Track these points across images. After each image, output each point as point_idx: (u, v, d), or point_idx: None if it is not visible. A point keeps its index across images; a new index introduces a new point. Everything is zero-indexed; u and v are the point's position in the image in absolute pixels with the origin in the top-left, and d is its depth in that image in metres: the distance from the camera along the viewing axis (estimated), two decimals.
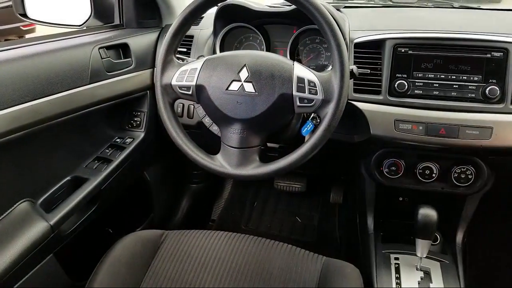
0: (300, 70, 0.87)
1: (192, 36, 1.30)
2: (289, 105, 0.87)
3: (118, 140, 1.28)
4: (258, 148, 0.92)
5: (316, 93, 0.85)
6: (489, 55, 0.99)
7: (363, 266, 1.15)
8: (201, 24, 1.35)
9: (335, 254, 1.66)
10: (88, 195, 1.09)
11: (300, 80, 0.86)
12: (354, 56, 1.08)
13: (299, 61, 1.24)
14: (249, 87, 0.87)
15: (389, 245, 1.17)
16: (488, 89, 0.98)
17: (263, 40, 1.25)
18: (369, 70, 1.06)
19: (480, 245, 1.60)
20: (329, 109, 0.84)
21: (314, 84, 0.85)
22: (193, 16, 0.93)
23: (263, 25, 1.25)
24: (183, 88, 0.92)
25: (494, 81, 0.98)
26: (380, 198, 1.26)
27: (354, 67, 0.94)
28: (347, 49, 1.09)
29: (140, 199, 1.50)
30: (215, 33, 1.26)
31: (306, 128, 1.05)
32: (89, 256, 1.11)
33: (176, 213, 1.75)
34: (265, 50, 1.25)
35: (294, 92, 0.85)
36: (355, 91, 1.07)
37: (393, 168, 1.10)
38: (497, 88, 0.97)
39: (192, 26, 1.35)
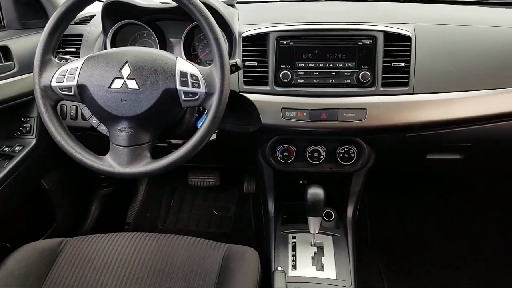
0: (182, 65, 0.89)
1: (81, 35, 1.26)
2: (175, 99, 0.89)
3: (6, 148, 1.20)
4: (148, 145, 0.92)
5: (199, 87, 0.88)
6: (360, 43, 1.08)
7: (265, 248, 1.22)
8: (92, 22, 1.31)
9: (250, 241, 1.73)
10: None
11: (183, 74, 0.88)
12: (242, 49, 1.12)
13: (196, 57, 1.26)
14: (132, 84, 0.87)
15: (289, 225, 1.24)
16: (361, 74, 1.07)
17: (156, 37, 1.24)
18: (256, 63, 1.11)
19: (370, 216, 1.77)
20: (213, 101, 0.87)
21: (197, 77, 0.88)
22: (69, 13, 0.90)
23: (156, 21, 1.25)
24: (64, 89, 0.89)
25: (366, 66, 1.08)
26: (281, 183, 1.33)
27: (238, 60, 0.97)
28: (236, 43, 1.14)
29: (40, 209, 1.42)
30: (105, 31, 1.23)
31: (202, 121, 1.07)
32: None
33: (85, 220, 1.69)
34: (158, 47, 1.24)
35: (178, 87, 0.87)
36: (245, 83, 1.11)
37: (286, 153, 1.17)
38: (369, 73, 1.07)
39: (81, 25, 1.32)
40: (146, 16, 1.21)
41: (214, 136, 1.16)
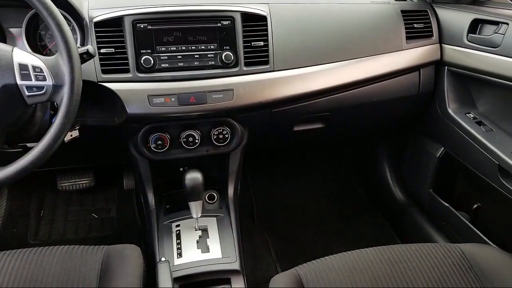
0: (21, 56, 0.79)
1: None
2: (16, 96, 0.79)
3: None
4: None
5: (44, 79, 0.79)
6: (219, 24, 1.09)
7: (149, 242, 1.18)
8: None
9: (137, 238, 1.66)
10: None
11: (23, 67, 0.78)
12: (96, 36, 1.04)
13: (44, 47, 1.13)
14: None
15: (172, 215, 1.22)
16: (223, 55, 1.08)
17: None
18: (113, 49, 1.04)
19: (254, 193, 1.86)
20: (64, 94, 0.80)
21: (41, 69, 0.79)
22: None
23: None
24: None
25: (228, 47, 1.10)
26: (160, 173, 1.29)
27: (90, 47, 0.90)
28: (88, 29, 1.05)
29: None
30: None
31: None
32: None
33: None
34: None
35: (19, 81, 0.78)
36: (104, 71, 1.04)
37: (160, 142, 1.13)
38: (231, 54, 1.09)
39: None
40: None
41: (76, 133, 1.07)
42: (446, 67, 1.30)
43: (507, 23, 1.09)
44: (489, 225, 1.28)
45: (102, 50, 1.03)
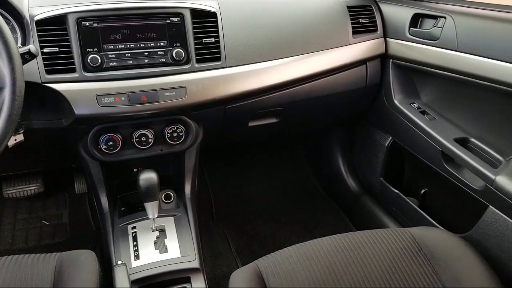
0: None
1: None
2: None
3: None
4: None
5: None
6: (168, 21, 1.07)
7: (104, 245, 1.15)
8: None
9: (93, 243, 1.60)
10: None
11: None
12: (38, 35, 0.99)
13: None
14: None
15: (128, 217, 1.19)
16: (174, 52, 1.07)
17: None
18: (57, 48, 1.00)
19: (212, 190, 1.86)
20: (5, 97, 0.76)
21: None
22: None
23: None
24: None
25: (178, 44, 1.08)
26: (113, 174, 1.26)
27: (32, 46, 0.86)
28: (29, 28, 0.99)
29: None
30: None
31: None
32: None
33: None
34: None
35: None
36: (48, 72, 0.99)
37: (111, 143, 1.10)
38: (182, 51, 1.08)
39: None
40: None
41: (21, 137, 1.02)
42: (391, 60, 1.36)
43: (444, 17, 1.16)
44: (436, 209, 1.35)
45: (46, 50, 0.98)
